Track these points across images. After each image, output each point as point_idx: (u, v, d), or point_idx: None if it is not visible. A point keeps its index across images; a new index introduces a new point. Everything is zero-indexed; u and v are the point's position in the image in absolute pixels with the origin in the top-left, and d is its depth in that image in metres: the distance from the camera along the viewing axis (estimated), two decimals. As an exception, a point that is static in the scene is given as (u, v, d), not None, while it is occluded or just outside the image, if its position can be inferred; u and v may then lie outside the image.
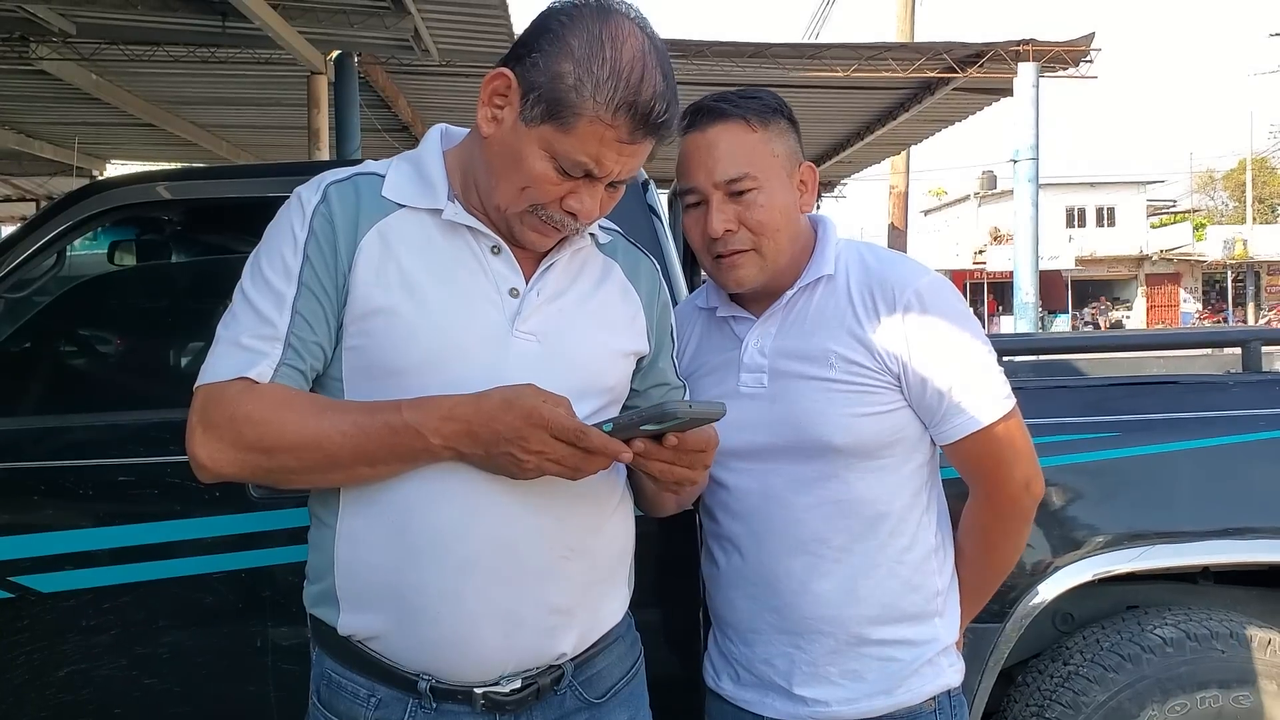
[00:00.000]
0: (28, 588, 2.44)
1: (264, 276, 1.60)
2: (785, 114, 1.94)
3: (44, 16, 9.97)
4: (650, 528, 1.96)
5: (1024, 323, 13.38)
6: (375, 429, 1.51)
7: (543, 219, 1.60)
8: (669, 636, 2.43)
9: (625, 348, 1.75)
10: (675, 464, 1.52)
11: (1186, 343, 4.54)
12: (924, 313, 1.87)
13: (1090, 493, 2.62)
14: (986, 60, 13.01)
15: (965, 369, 1.87)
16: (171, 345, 3.12)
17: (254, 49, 10.58)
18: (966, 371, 1.87)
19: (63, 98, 13.79)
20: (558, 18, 1.55)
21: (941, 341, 1.87)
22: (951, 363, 1.87)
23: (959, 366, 1.87)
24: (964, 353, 1.88)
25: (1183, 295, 44.34)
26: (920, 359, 1.86)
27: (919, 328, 1.87)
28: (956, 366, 1.87)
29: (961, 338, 1.89)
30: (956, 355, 1.87)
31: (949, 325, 1.89)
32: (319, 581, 1.65)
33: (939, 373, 1.86)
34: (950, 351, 1.87)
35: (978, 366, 1.88)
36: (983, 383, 1.88)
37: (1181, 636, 2.55)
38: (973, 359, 1.89)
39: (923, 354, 1.86)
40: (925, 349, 1.86)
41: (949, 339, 1.88)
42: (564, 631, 1.63)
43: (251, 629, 2.45)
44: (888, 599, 1.90)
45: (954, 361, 1.87)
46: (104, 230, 3.43)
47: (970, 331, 1.91)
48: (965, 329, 1.90)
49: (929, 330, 1.87)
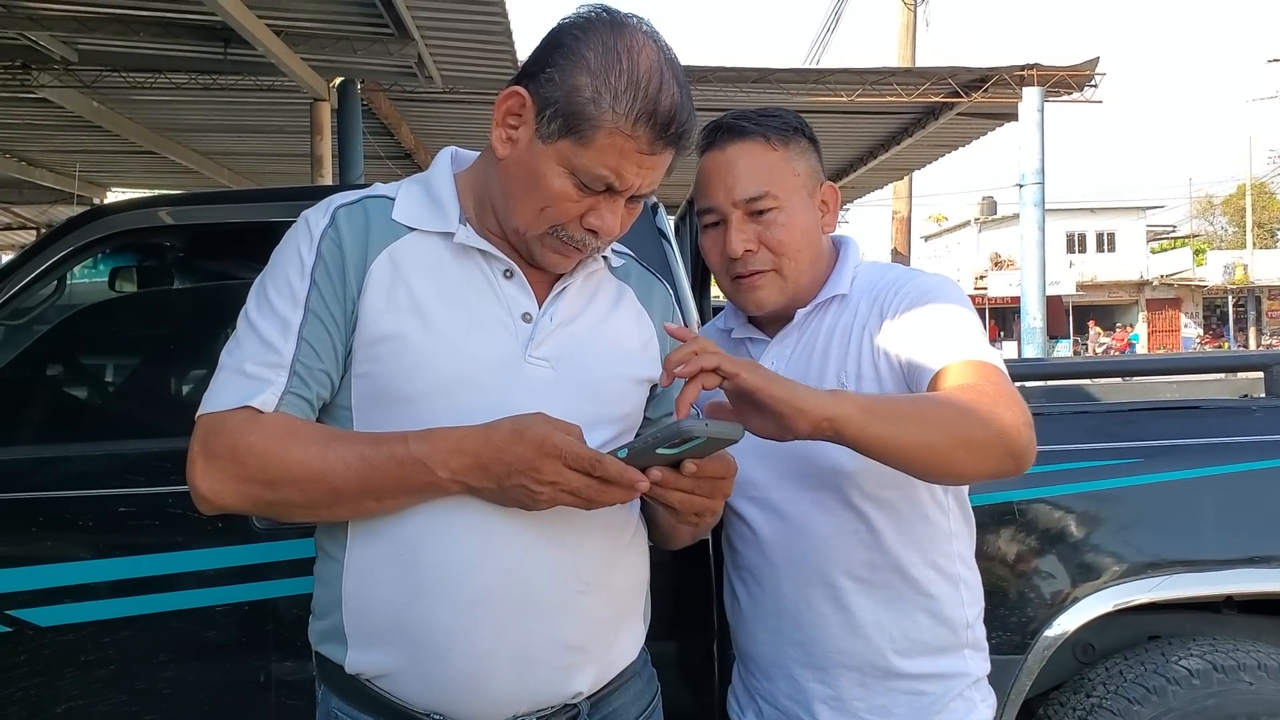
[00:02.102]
0: (25, 621, 2.40)
1: (269, 302, 1.56)
2: (806, 133, 1.91)
3: (46, 44, 10.05)
4: (664, 558, 1.91)
5: (1031, 348, 13.34)
6: (381, 461, 1.46)
7: (563, 239, 1.56)
8: (685, 671, 2.38)
9: (639, 374, 1.71)
10: (694, 493, 1.46)
11: (1206, 367, 4.49)
12: (916, 297, 1.81)
13: (1111, 520, 2.58)
14: (991, 85, 13.05)
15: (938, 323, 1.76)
16: (173, 372, 3.09)
17: (256, 76, 10.61)
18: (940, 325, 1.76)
19: (64, 125, 13.84)
20: (571, 32, 1.53)
21: (923, 310, 1.79)
22: (926, 321, 1.77)
23: (932, 322, 1.76)
24: (942, 311, 1.78)
25: (1184, 320, 44.44)
26: (901, 331, 1.78)
27: (908, 309, 1.80)
28: (930, 322, 1.76)
29: (943, 306, 1.79)
30: (933, 315, 1.78)
31: (935, 299, 1.81)
32: (325, 617, 1.60)
33: (914, 329, 1.77)
34: (928, 314, 1.78)
35: (953, 321, 1.76)
36: (956, 332, 1.75)
37: (1208, 668, 2.49)
38: (950, 316, 1.77)
39: (904, 326, 1.78)
40: (907, 322, 1.79)
41: (930, 307, 1.79)
42: (579, 669, 1.58)
43: (255, 663, 2.40)
44: (915, 631, 1.85)
45: (929, 320, 1.77)
46: (105, 256, 3.40)
47: (956, 304, 1.81)
48: (951, 303, 1.81)
49: (916, 307, 1.80)
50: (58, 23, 9.34)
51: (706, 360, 1.43)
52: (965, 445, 1.56)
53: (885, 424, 1.51)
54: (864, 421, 1.49)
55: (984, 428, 1.57)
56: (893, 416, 1.52)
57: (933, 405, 1.60)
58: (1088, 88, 13.43)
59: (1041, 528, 2.55)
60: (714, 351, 1.45)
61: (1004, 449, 1.59)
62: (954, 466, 1.59)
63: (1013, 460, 1.61)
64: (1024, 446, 1.60)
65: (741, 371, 1.45)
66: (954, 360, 1.69)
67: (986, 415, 1.57)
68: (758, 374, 1.46)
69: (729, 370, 1.44)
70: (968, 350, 1.71)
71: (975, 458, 1.58)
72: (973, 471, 1.63)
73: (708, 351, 1.45)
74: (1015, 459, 1.61)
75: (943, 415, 1.57)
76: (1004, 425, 1.58)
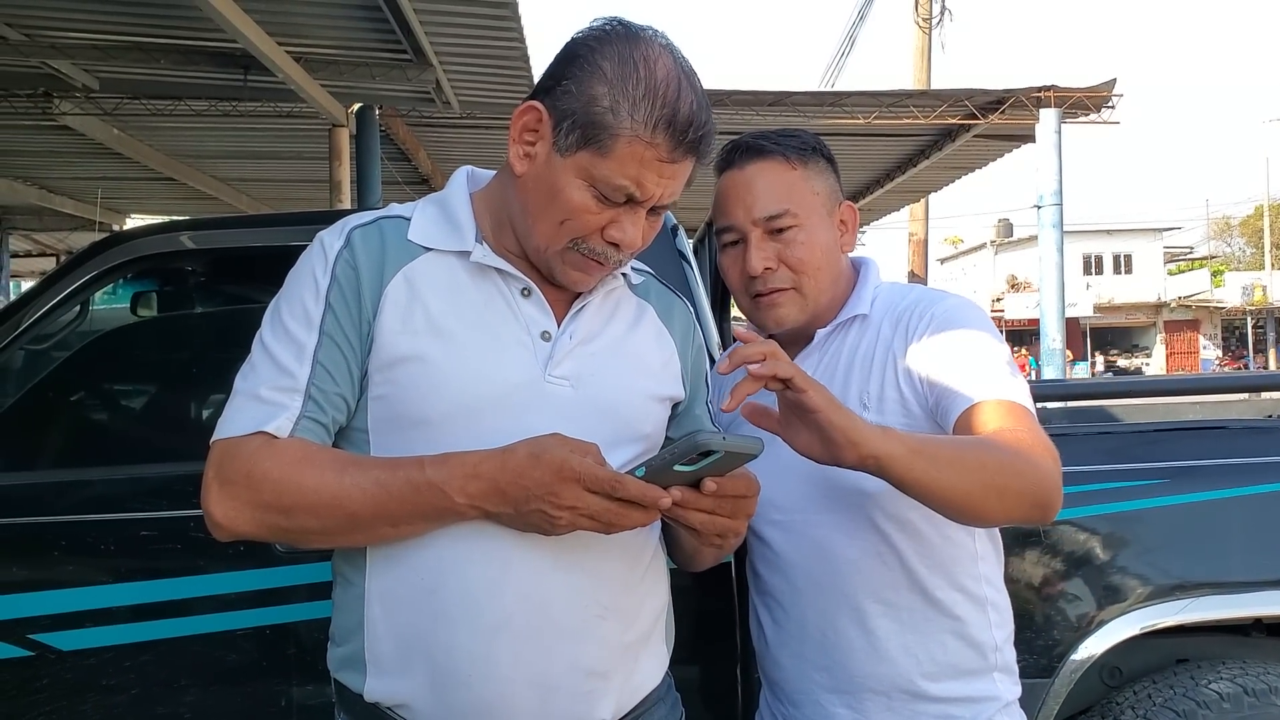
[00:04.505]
0: (48, 645, 2.39)
1: (284, 325, 1.55)
2: (824, 153, 1.91)
3: (68, 72, 10.11)
4: (685, 581, 1.89)
5: (1051, 369, 13.27)
6: (397, 487, 1.45)
7: (584, 253, 1.54)
8: (708, 696, 2.35)
9: (660, 393, 1.69)
10: (716, 513, 1.43)
11: (1233, 387, 4.46)
12: (944, 321, 1.80)
13: (1137, 542, 2.56)
14: (1007, 107, 13.02)
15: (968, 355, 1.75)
16: (194, 396, 3.09)
17: (276, 102, 10.66)
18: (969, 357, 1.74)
19: (84, 152, 13.93)
20: (586, 44, 1.52)
21: (950, 337, 1.77)
22: (955, 351, 1.76)
23: (962, 353, 1.75)
24: (971, 344, 1.77)
25: (1202, 342, 44.24)
26: (930, 358, 1.77)
27: (934, 333, 1.79)
28: (959, 353, 1.75)
29: (972, 334, 1.78)
30: (962, 345, 1.76)
31: (963, 326, 1.79)
32: (345, 644, 1.58)
33: (942, 359, 1.76)
34: (956, 343, 1.77)
35: (983, 355, 1.75)
36: (985, 365, 1.73)
37: (1238, 691, 2.46)
38: (978, 346, 1.76)
39: (933, 353, 1.77)
40: (936, 348, 1.77)
41: (958, 334, 1.78)
42: (601, 696, 1.55)
43: (275, 688, 2.39)
44: (942, 654, 1.82)
45: (958, 350, 1.76)
46: (127, 281, 3.41)
47: (985, 332, 1.80)
48: (980, 331, 1.80)
49: (942, 332, 1.78)
50: (79, 51, 9.41)
51: (782, 369, 1.42)
52: (1000, 495, 1.57)
53: (928, 467, 1.51)
54: (909, 464, 1.49)
55: (1020, 479, 1.58)
56: (937, 461, 1.52)
57: (975, 453, 1.59)
58: (1105, 109, 13.38)
59: (1067, 549, 2.53)
60: (789, 362, 1.44)
61: (1034, 501, 1.60)
62: (984, 514, 1.60)
63: (1040, 511, 1.62)
64: (1055, 500, 1.62)
65: (810, 390, 1.43)
66: (985, 398, 1.68)
67: (1024, 468, 1.58)
68: (822, 395, 1.45)
69: (800, 385, 1.43)
70: (998, 388, 1.70)
71: (1006, 506, 1.59)
72: (1001, 519, 1.68)
73: (781, 359, 1.43)
74: (1043, 510, 1.62)
75: (984, 464, 1.56)
76: (1039, 478, 1.59)
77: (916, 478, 1.50)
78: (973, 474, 1.55)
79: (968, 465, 1.55)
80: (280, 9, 8.28)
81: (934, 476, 1.51)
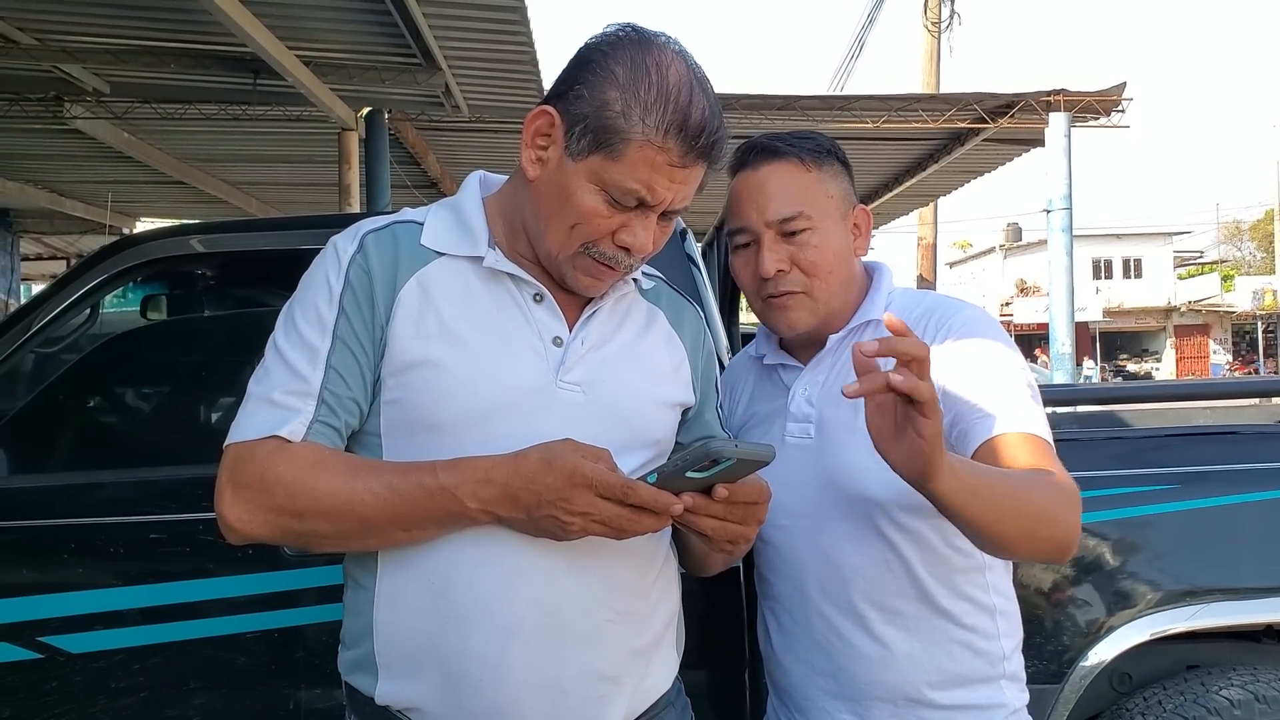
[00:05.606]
0: (56, 648, 2.39)
1: (297, 330, 1.56)
2: (838, 156, 1.90)
3: (78, 76, 10.16)
4: (694, 585, 1.89)
5: (1061, 374, 13.21)
6: (409, 491, 1.45)
7: (595, 258, 1.55)
8: (716, 701, 2.35)
9: (671, 398, 1.70)
10: (727, 519, 1.43)
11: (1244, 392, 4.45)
12: (963, 336, 1.79)
13: (1147, 548, 2.54)
14: (1017, 110, 13.00)
15: (989, 376, 1.74)
16: (204, 399, 3.09)
17: (285, 106, 10.68)
18: (991, 379, 1.73)
19: (95, 156, 13.97)
20: (598, 49, 1.53)
21: (970, 354, 1.76)
22: (975, 370, 1.74)
23: (983, 373, 1.74)
24: (992, 364, 1.75)
25: (1213, 346, 44.12)
26: (951, 374, 1.74)
27: (955, 348, 1.77)
28: (980, 372, 1.74)
29: (992, 351, 1.77)
30: (983, 364, 1.75)
31: (985, 346, 1.78)
32: (355, 647, 1.59)
33: (962, 376, 1.74)
34: (977, 361, 1.75)
35: (1005, 378, 1.74)
36: (1006, 392, 1.72)
37: (1249, 698, 2.45)
38: (998, 368, 1.75)
39: (954, 369, 1.74)
40: (956, 365, 1.75)
41: (978, 351, 1.77)
42: (612, 700, 1.55)
43: (285, 690, 2.39)
44: (948, 663, 1.81)
45: (979, 369, 1.74)
46: (137, 284, 3.42)
47: (1005, 349, 1.79)
48: (1000, 346, 1.79)
49: (961, 347, 1.77)
50: (90, 55, 9.45)
51: (923, 390, 1.34)
52: (1031, 539, 1.59)
53: (979, 508, 1.51)
54: (962, 503, 1.48)
55: (1053, 528, 1.60)
56: (987, 502, 1.52)
57: (1024, 500, 1.57)
58: (1115, 113, 13.36)
59: (1077, 555, 2.50)
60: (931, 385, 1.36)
61: (1057, 547, 1.62)
62: (1010, 551, 1.66)
63: (1059, 556, 1.65)
64: (1075, 547, 1.65)
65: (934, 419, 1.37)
66: (1008, 430, 1.67)
67: (1062, 517, 1.60)
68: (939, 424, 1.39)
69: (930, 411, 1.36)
70: (1022, 419, 1.69)
71: (1033, 549, 1.64)
72: (1023, 557, 1.74)
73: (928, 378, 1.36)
74: (1063, 556, 1.65)
75: (1029, 512, 1.57)
76: (1070, 527, 1.62)
77: (967, 516, 1.51)
78: (1016, 520, 1.56)
79: (1013, 512, 1.56)
80: (290, 13, 8.31)
81: (979, 516, 1.51)
